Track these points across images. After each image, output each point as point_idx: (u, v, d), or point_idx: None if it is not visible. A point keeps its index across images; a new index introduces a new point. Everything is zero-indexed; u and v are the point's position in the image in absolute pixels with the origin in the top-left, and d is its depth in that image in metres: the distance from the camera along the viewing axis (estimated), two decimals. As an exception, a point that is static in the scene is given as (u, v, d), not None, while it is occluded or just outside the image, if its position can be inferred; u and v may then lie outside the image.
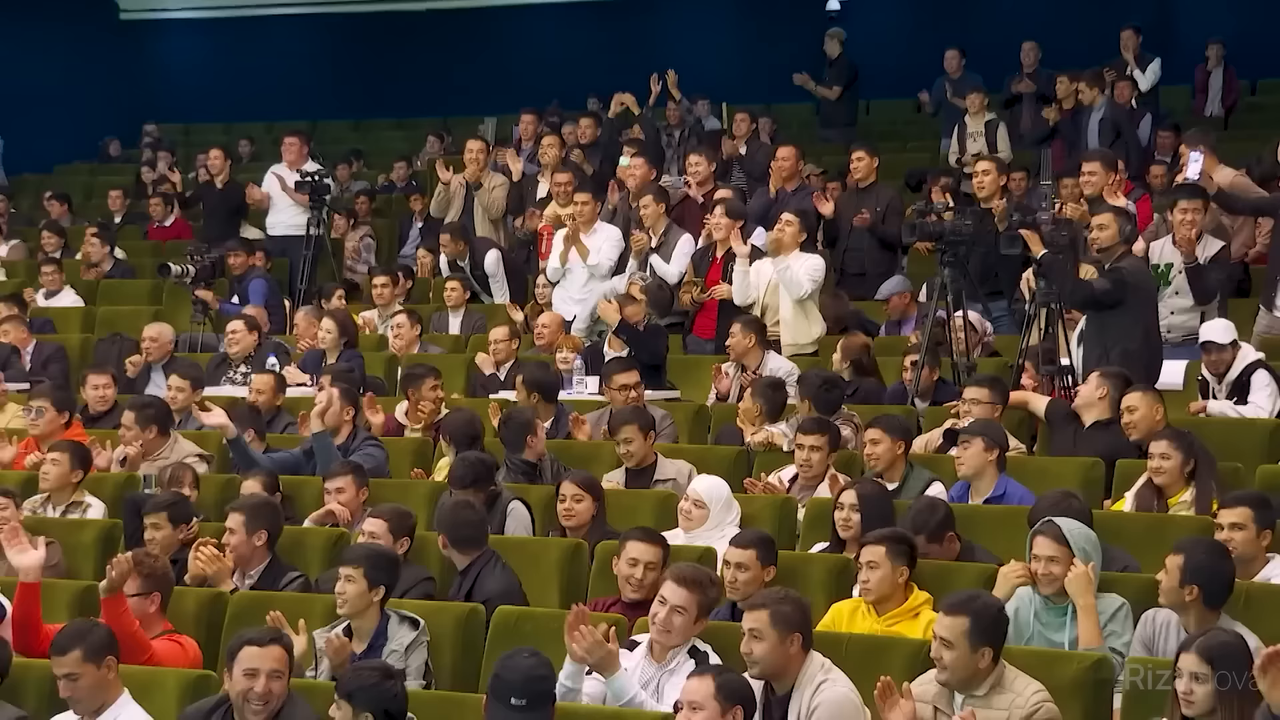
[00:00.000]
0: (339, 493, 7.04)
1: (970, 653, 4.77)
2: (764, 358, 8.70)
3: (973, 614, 4.79)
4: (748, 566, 5.76)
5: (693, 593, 5.30)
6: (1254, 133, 13.37)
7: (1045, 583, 5.41)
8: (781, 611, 4.99)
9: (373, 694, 4.78)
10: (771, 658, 4.98)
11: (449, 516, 6.25)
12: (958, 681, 4.81)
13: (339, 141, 18.17)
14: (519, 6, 20.14)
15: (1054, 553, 5.38)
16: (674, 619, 5.29)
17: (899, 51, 16.49)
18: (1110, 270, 7.88)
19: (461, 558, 6.20)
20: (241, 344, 9.66)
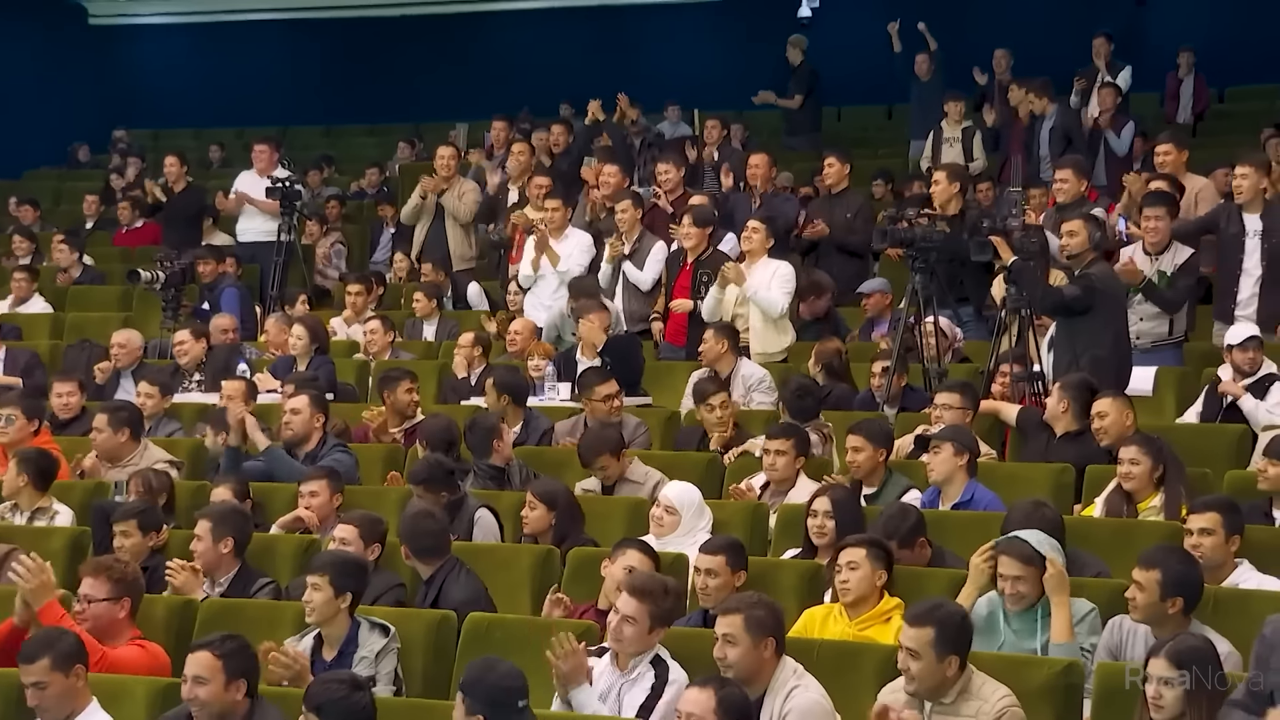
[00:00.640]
0: (312, 495, 7.02)
1: (937, 662, 4.78)
2: (736, 364, 8.72)
3: (937, 623, 4.80)
4: (717, 573, 5.76)
5: (644, 602, 5.30)
6: (1222, 139, 13.45)
7: (1013, 601, 5.41)
8: (755, 616, 5.00)
9: (341, 706, 4.75)
10: (745, 662, 4.99)
11: (409, 527, 6.23)
12: (926, 691, 4.82)
13: (310, 148, 18.12)
14: (491, 13, 20.13)
15: (1020, 572, 5.38)
16: (624, 629, 5.29)
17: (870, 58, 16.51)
18: (1080, 276, 7.92)
19: (425, 567, 6.18)
20: (190, 354, 9.63)
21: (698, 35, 19.06)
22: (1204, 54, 15.47)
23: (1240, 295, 8.79)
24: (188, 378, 9.60)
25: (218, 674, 4.98)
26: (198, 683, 4.99)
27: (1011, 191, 8.59)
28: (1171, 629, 5.05)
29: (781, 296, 9.32)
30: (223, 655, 5.01)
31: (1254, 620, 4.94)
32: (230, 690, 4.99)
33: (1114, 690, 4.94)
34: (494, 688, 4.68)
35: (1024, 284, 7.96)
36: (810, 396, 7.77)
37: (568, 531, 6.66)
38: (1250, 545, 5.76)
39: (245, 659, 5.07)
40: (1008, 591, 5.41)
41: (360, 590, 5.79)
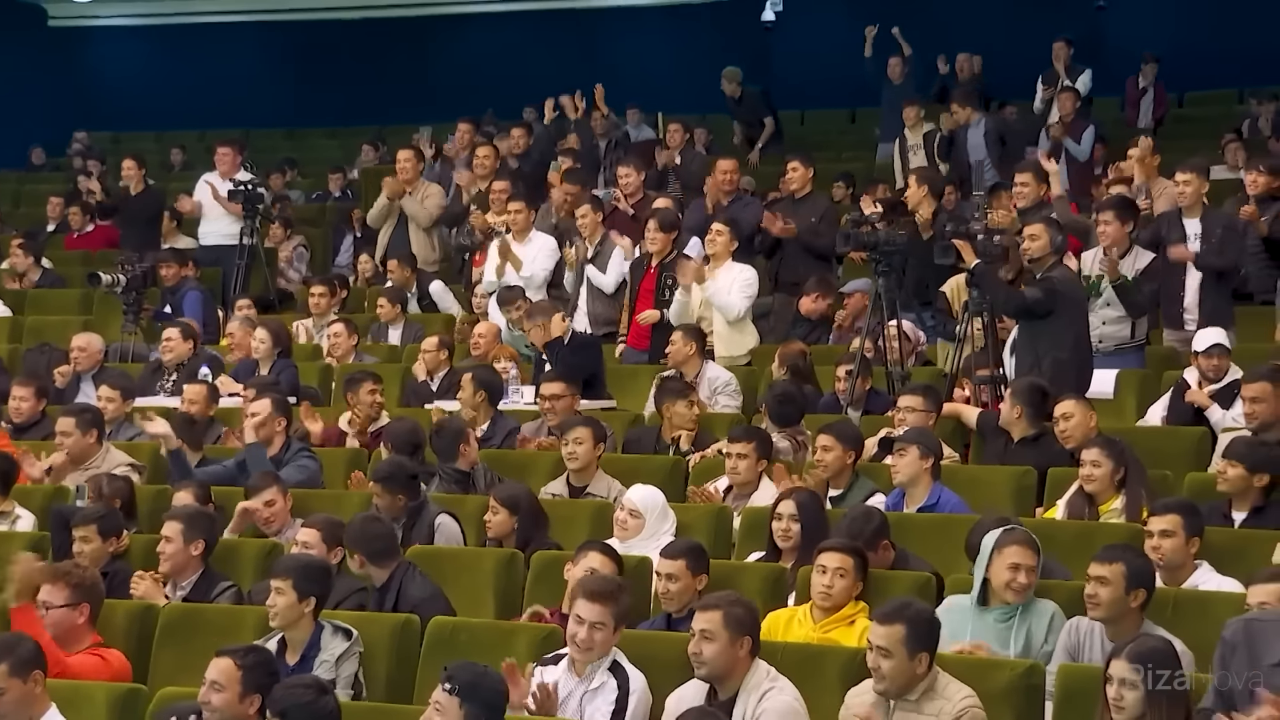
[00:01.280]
0: (268, 505, 7.03)
1: (908, 660, 4.79)
2: (703, 367, 8.73)
3: (908, 621, 4.82)
4: (678, 577, 5.77)
5: (607, 605, 5.29)
6: (1182, 144, 13.54)
7: (1015, 592, 5.41)
8: (734, 613, 5.02)
9: (308, 711, 4.74)
10: (721, 659, 5.00)
11: (360, 533, 6.17)
12: (897, 689, 4.83)
13: (272, 150, 18.05)
14: (454, 16, 20.10)
15: (1031, 561, 5.40)
16: (595, 635, 5.28)
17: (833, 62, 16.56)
18: (1041, 280, 7.95)
19: (380, 572, 6.14)
20: (176, 351, 9.58)
21: (661, 39, 19.09)
22: (1164, 59, 15.59)
23: (1186, 300, 8.89)
24: (166, 376, 9.53)
25: (235, 683, 4.95)
26: (214, 688, 4.95)
27: (975, 195, 8.61)
28: (1130, 628, 5.08)
29: (741, 300, 9.34)
30: (244, 666, 4.98)
31: (1213, 621, 4.97)
32: (245, 703, 4.96)
33: (1075, 692, 4.96)
34: (492, 692, 4.69)
35: (986, 287, 8.00)
36: (792, 403, 7.78)
37: (531, 535, 6.65)
38: (1210, 547, 5.80)
39: (265, 674, 5.02)
40: (1020, 581, 5.39)
41: (324, 594, 5.76)
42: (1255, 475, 6.30)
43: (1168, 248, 8.87)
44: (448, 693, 4.61)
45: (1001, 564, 5.42)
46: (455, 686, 4.60)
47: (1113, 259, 8.49)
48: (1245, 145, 13.45)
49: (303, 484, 7.57)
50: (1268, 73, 15.41)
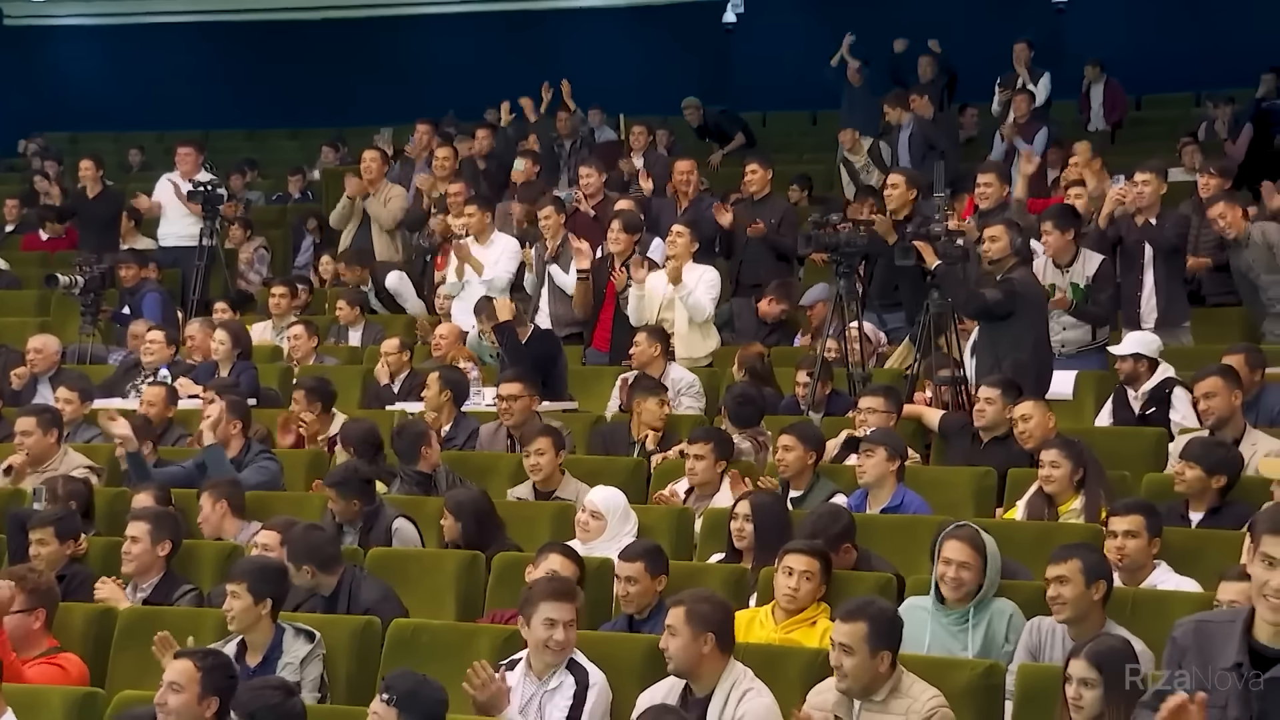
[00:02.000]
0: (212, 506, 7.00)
1: (870, 657, 4.79)
2: (666, 368, 8.74)
3: (870, 618, 4.82)
4: (637, 579, 5.79)
5: (572, 603, 5.31)
6: (1140, 146, 13.64)
7: (953, 587, 5.43)
8: (698, 610, 5.02)
9: (277, 713, 4.72)
10: (684, 655, 5.01)
11: (305, 544, 6.06)
12: (859, 688, 4.83)
13: (232, 151, 17.96)
14: (415, 17, 20.05)
15: (968, 558, 5.40)
16: (570, 634, 5.29)
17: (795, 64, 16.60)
18: (1002, 281, 7.99)
19: (329, 579, 6.09)
20: (158, 355, 9.51)
21: (622, 40, 19.10)
22: (1122, 62, 15.69)
23: (1143, 300, 8.96)
24: (142, 378, 9.46)
25: (193, 685, 4.91)
26: (172, 689, 4.92)
27: (936, 196, 8.63)
28: (1092, 626, 5.11)
29: (708, 302, 9.36)
30: (203, 669, 4.94)
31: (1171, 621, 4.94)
32: (202, 705, 4.91)
33: (1035, 691, 4.98)
34: (432, 701, 4.67)
35: (947, 288, 8.03)
36: (751, 404, 7.79)
37: (481, 538, 6.62)
38: (1168, 547, 5.83)
39: (224, 677, 4.99)
40: (950, 577, 5.40)
41: (281, 596, 5.73)
42: (1213, 477, 6.34)
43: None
44: (386, 703, 4.60)
45: (940, 560, 5.45)
46: (393, 696, 4.59)
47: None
48: (1202, 148, 13.57)
49: (263, 486, 7.54)
50: (1223, 76, 15.54)
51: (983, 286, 8.16)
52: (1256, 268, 9.08)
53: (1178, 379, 7.75)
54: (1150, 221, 9.02)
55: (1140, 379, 7.82)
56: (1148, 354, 7.84)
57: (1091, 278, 8.60)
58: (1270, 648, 3.57)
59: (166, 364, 9.43)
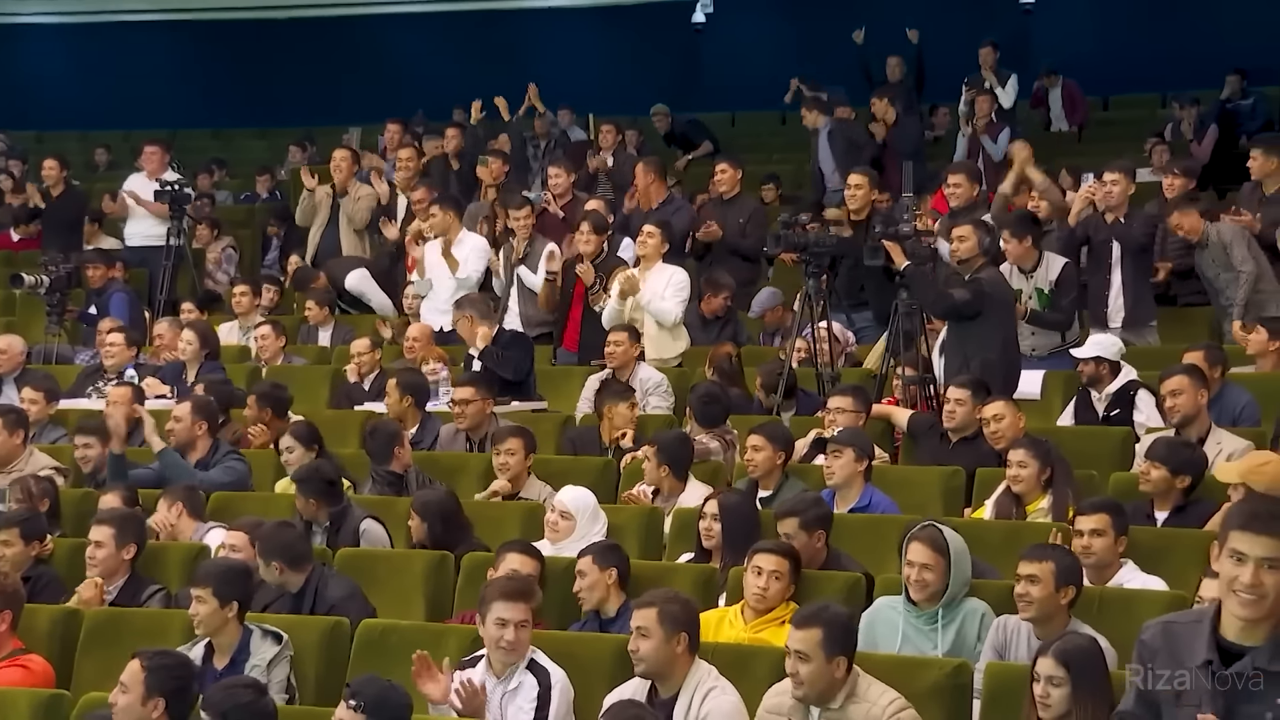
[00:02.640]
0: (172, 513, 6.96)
1: (825, 663, 4.77)
2: (635, 368, 8.74)
3: (824, 624, 4.79)
4: (585, 572, 5.84)
5: (527, 603, 5.31)
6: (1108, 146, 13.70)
7: (918, 589, 5.45)
8: (669, 610, 5.02)
9: (249, 712, 4.70)
10: (657, 656, 5.00)
11: (274, 542, 6.05)
12: (815, 694, 4.80)
13: (200, 151, 17.88)
14: (384, 16, 20.02)
15: (929, 560, 5.42)
16: (521, 635, 5.28)
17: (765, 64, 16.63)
18: (970, 281, 8.02)
19: (297, 577, 6.07)
20: (118, 357, 9.46)
21: (592, 40, 19.10)
22: (1089, 63, 15.78)
23: (1110, 299, 9.00)
24: (104, 380, 9.40)
25: (138, 685, 4.87)
26: (120, 689, 4.89)
27: (905, 197, 8.66)
28: (1059, 626, 5.13)
29: (675, 305, 9.36)
30: (149, 669, 4.90)
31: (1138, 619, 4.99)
32: (148, 706, 4.87)
33: (1002, 690, 5.00)
34: (398, 706, 4.66)
35: (915, 289, 8.05)
36: (717, 403, 7.79)
37: (447, 539, 6.60)
38: (1134, 546, 5.86)
39: (172, 678, 4.94)
40: (913, 579, 5.42)
41: (246, 598, 5.71)
42: (1178, 477, 6.37)
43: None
44: (353, 709, 4.59)
45: (905, 561, 5.48)
46: (360, 703, 4.59)
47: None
48: (1169, 148, 13.66)
49: (230, 486, 7.52)
50: (1189, 77, 15.63)
51: (951, 286, 8.19)
52: (1215, 267, 9.16)
53: (1141, 382, 7.80)
54: (1119, 221, 9.07)
55: (1103, 381, 7.86)
56: (1108, 357, 7.87)
57: (1054, 282, 8.64)
58: (1237, 644, 3.61)
59: (130, 364, 9.38)
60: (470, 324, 8.90)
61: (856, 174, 10.22)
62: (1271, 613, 3.57)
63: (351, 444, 8.25)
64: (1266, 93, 14.15)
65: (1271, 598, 3.54)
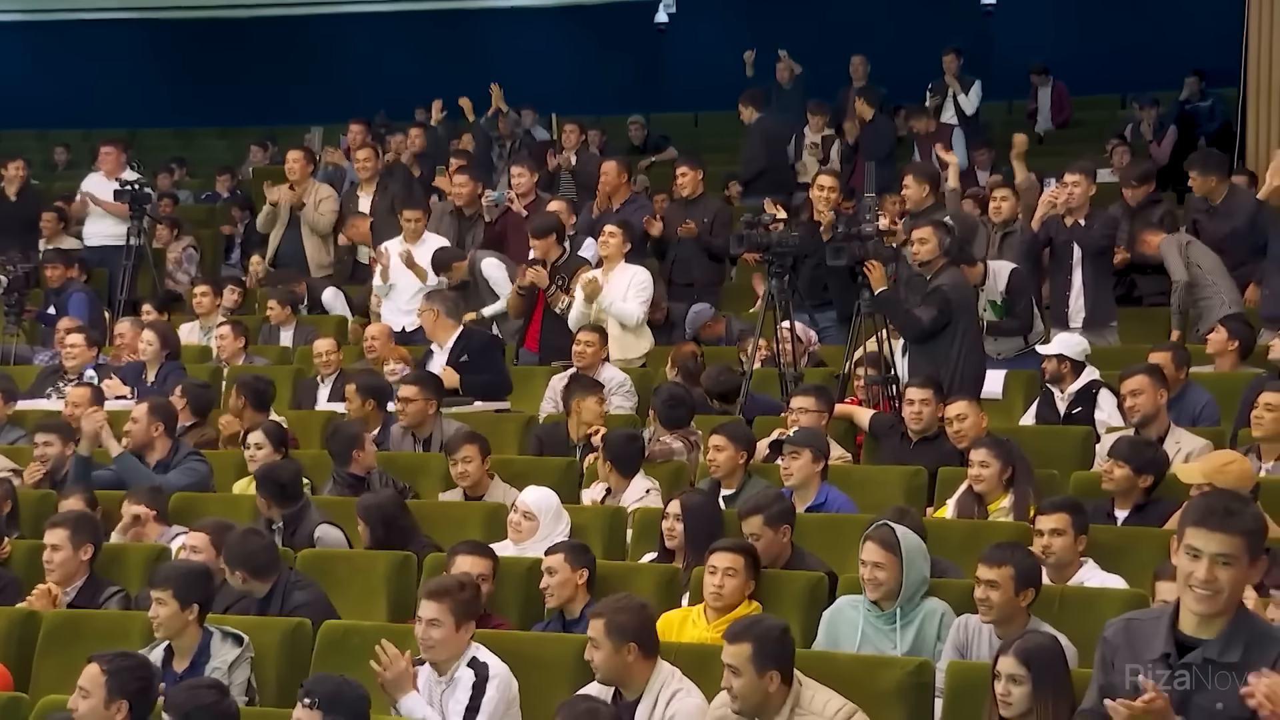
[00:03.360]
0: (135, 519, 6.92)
1: (757, 678, 4.72)
2: (600, 368, 8.73)
3: (755, 639, 4.75)
4: (556, 569, 5.83)
5: (443, 603, 5.29)
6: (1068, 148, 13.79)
7: (871, 588, 5.47)
8: (616, 621, 5.00)
9: (213, 712, 4.68)
10: (609, 666, 5.00)
11: (240, 550, 6.02)
12: (750, 708, 4.76)
13: (160, 150, 17.78)
14: (346, 15, 19.94)
15: (880, 558, 5.44)
16: (431, 633, 5.28)
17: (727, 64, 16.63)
18: (932, 292, 8.02)
19: (263, 584, 6.04)
20: (79, 358, 9.39)
21: (554, 40, 19.07)
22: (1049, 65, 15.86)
23: (1071, 300, 9.06)
24: (65, 381, 9.33)
25: (99, 689, 4.84)
26: (80, 694, 4.85)
27: (867, 197, 8.70)
28: (1019, 626, 5.16)
29: (637, 306, 9.36)
30: (109, 672, 4.86)
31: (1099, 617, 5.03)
32: (111, 709, 4.84)
33: (964, 688, 5.02)
34: (355, 699, 4.65)
35: (888, 313, 8.07)
36: (682, 405, 7.79)
37: (390, 541, 6.58)
38: (1094, 545, 5.90)
39: (134, 679, 4.91)
40: (866, 577, 5.44)
41: (207, 600, 5.67)
42: (1140, 476, 6.41)
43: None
44: (308, 707, 4.58)
45: (859, 560, 5.50)
46: (316, 700, 4.58)
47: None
48: (1130, 149, 13.75)
49: (191, 487, 7.48)
50: (1149, 78, 15.74)
51: (911, 287, 8.22)
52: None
53: (1103, 381, 7.85)
54: (1079, 223, 9.11)
55: (1065, 380, 7.91)
56: (1072, 356, 7.92)
57: (1005, 290, 8.69)
58: (1194, 638, 3.66)
59: (91, 364, 9.32)
60: (435, 318, 8.87)
61: (824, 175, 10.25)
62: (1227, 607, 3.63)
63: (313, 444, 8.22)
64: (1224, 94, 14.25)
65: (1226, 593, 3.61)
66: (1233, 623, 3.64)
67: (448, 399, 8.25)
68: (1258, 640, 3.63)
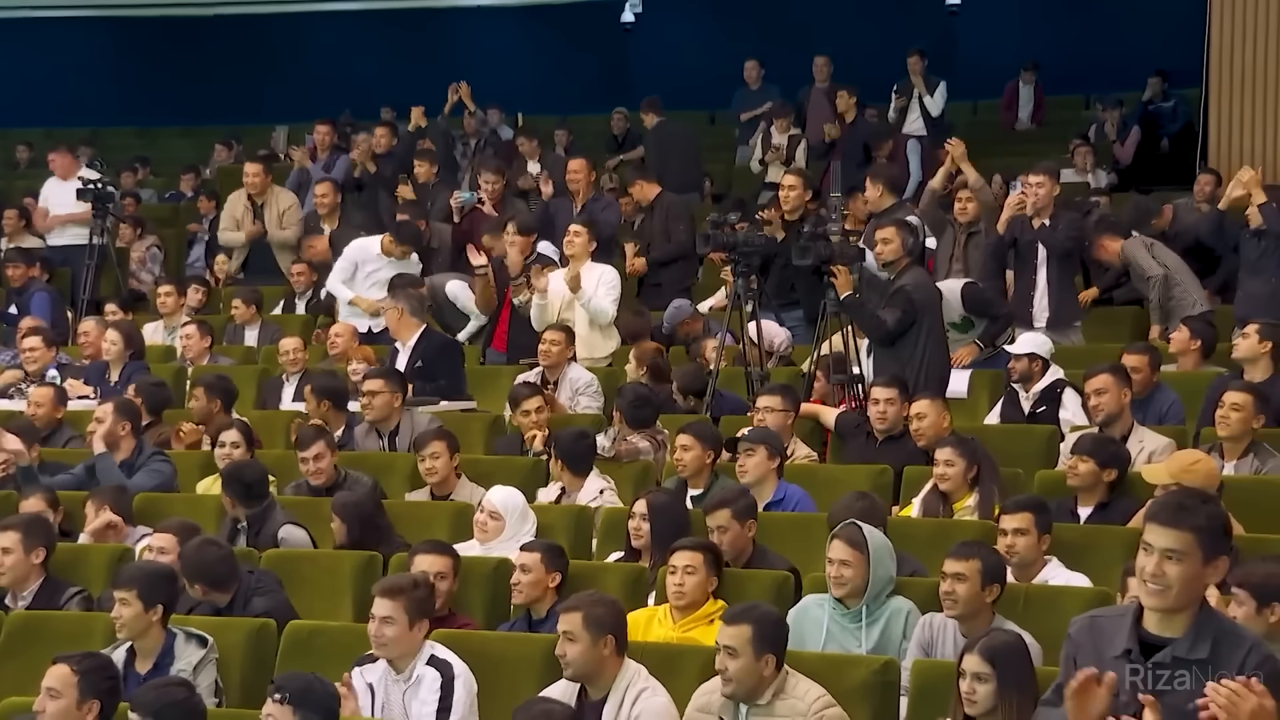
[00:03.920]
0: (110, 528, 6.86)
1: (755, 660, 4.79)
2: (565, 368, 8.72)
3: (754, 621, 4.81)
4: (531, 568, 5.82)
5: (396, 600, 5.28)
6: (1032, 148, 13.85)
7: (836, 586, 5.49)
8: (595, 614, 5.01)
9: (181, 710, 4.66)
10: (584, 660, 4.99)
11: (195, 563, 5.92)
12: (744, 691, 4.81)
13: (123, 149, 17.67)
14: (310, 14, 19.86)
15: (848, 556, 5.45)
16: (384, 630, 5.27)
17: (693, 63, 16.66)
18: (895, 294, 8.04)
19: (223, 595, 5.97)
20: (40, 360, 9.32)
21: (521, 39, 19.05)
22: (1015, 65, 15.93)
23: (1035, 300, 9.11)
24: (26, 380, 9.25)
25: (71, 690, 4.81)
26: (50, 695, 4.82)
27: (832, 197, 8.70)
28: (983, 623, 5.18)
29: (609, 304, 9.36)
30: (80, 672, 4.84)
31: (1063, 615, 5.06)
32: (83, 709, 4.82)
33: (929, 686, 5.03)
34: (325, 696, 4.65)
35: (856, 319, 8.09)
36: (648, 405, 7.79)
37: (365, 539, 6.56)
38: (1058, 543, 5.92)
39: (105, 679, 4.90)
40: (833, 575, 5.46)
41: (172, 601, 5.63)
42: (1105, 470, 6.46)
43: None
44: (278, 703, 4.58)
45: (826, 558, 5.52)
46: (286, 695, 4.58)
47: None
48: (1093, 149, 13.83)
49: (156, 488, 7.43)
50: (1112, 79, 15.83)
51: (871, 286, 8.25)
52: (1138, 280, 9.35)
53: (1068, 380, 7.89)
54: (1044, 224, 9.15)
55: (1033, 378, 7.96)
56: (1042, 354, 7.97)
57: (964, 305, 8.73)
58: (1157, 635, 3.67)
59: (53, 365, 9.26)
60: (399, 316, 8.85)
61: (790, 174, 10.28)
62: (1181, 604, 3.64)
63: (278, 444, 8.19)
64: (1187, 94, 14.34)
65: (1176, 589, 3.62)
66: (1197, 620, 3.65)
67: (411, 399, 8.23)
68: (1225, 638, 3.64)
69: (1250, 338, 7.61)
